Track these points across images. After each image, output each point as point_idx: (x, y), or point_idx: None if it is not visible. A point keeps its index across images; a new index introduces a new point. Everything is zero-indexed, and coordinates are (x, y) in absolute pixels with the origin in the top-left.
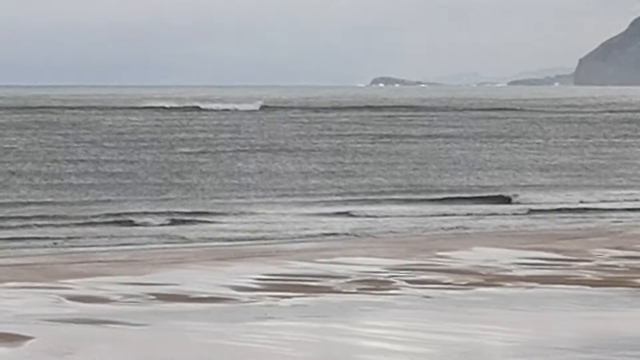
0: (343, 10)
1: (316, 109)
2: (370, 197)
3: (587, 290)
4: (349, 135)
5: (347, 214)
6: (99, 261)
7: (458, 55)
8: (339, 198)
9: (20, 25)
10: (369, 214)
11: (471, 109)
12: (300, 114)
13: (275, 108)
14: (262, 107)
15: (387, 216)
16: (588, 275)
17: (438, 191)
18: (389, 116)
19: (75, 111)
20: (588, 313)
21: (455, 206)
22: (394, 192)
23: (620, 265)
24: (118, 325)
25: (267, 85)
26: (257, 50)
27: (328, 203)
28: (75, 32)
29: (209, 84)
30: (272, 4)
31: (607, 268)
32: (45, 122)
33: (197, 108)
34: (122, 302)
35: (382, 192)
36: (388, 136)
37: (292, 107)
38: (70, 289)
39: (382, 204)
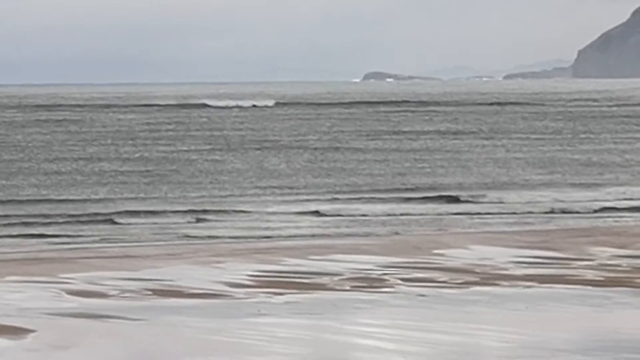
0: (330, 4)
1: (332, 105)
2: (364, 196)
3: (588, 290)
4: (350, 131)
5: (318, 212)
6: (97, 257)
7: (452, 49)
8: (327, 197)
9: (13, 24)
10: (357, 212)
11: (472, 104)
12: (316, 111)
13: (289, 104)
14: (276, 104)
15: (375, 215)
16: (589, 275)
17: (398, 190)
18: (395, 111)
19: (77, 110)
20: (588, 314)
21: (411, 205)
22: (374, 191)
23: (623, 265)
24: (116, 320)
25: (260, 82)
26: (244, 46)
27: (320, 202)
28: (65, 31)
29: (199, 81)
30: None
31: (609, 267)
32: (52, 121)
33: (204, 105)
34: (119, 297)
35: (368, 191)
36: (390, 132)
37: (306, 104)
38: (69, 283)
39: (370, 203)
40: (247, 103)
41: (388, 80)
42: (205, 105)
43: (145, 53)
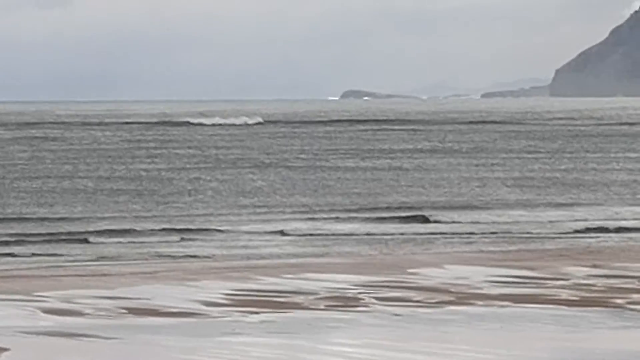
0: (306, 23)
1: (317, 123)
2: (339, 215)
3: (563, 310)
4: (331, 150)
5: (293, 231)
6: (72, 275)
7: (429, 67)
8: (303, 216)
9: None
10: (331, 231)
11: (452, 122)
12: (299, 129)
13: (275, 122)
14: (262, 122)
15: (349, 234)
16: (564, 295)
17: (373, 209)
18: (378, 130)
19: (61, 127)
20: (563, 334)
21: (385, 225)
22: (349, 211)
23: (598, 285)
24: (91, 339)
25: (237, 100)
26: (220, 64)
27: (295, 221)
28: (45, 47)
29: (175, 99)
30: (232, 17)
31: (584, 287)
32: (30, 138)
33: (188, 123)
34: (94, 315)
35: (343, 210)
36: (373, 151)
37: (293, 122)
38: (44, 301)
39: (344, 222)
40: (227, 121)
41: (365, 98)
42: (187, 123)
43: (121, 70)
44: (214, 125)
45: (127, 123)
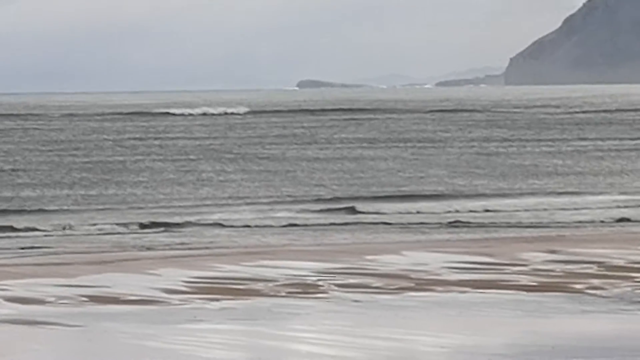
0: (258, 13)
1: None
2: (286, 207)
3: (522, 295)
4: (282, 142)
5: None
6: (33, 264)
7: (382, 56)
8: (255, 207)
9: None
10: (278, 222)
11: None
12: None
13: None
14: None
15: (297, 225)
16: (523, 280)
17: (320, 200)
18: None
19: (32, 118)
20: (523, 319)
21: (335, 215)
22: (297, 202)
23: (556, 270)
24: (53, 326)
25: (193, 90)
26: (170, 56)
27: (248, 211)
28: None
29: (132, 90)
30: (182, 9)
31: (543, 273)
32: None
33: (170, 114)
34: (56, 303)
35: (290, 202)
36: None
37: (278, 112)
38: (7, 290)
39: (291, 212)
40: (212, 110)
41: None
42: (168, 114)
43: (70, 64)
44: (192, 115)
45: (108, 114)
